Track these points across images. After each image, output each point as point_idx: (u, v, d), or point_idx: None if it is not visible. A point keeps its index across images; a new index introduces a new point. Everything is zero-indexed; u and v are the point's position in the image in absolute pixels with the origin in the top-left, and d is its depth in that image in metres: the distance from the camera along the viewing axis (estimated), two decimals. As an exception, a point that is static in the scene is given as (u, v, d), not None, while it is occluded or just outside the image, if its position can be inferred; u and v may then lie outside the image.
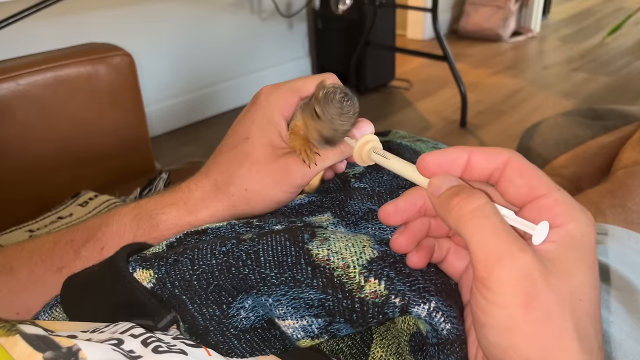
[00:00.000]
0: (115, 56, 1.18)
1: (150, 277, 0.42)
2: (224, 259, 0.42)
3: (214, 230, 0.48)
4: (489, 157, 0.37)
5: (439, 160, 0.38)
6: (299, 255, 0.41)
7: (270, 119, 0.50)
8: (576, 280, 0.32)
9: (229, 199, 0.50)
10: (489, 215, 0.33)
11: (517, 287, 0.31)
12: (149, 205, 0.51)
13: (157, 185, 1.07)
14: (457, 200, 0.34)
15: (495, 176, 0.37)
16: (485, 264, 0.32)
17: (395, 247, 0.40)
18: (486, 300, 0.32)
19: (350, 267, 0.40)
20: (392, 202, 0.40)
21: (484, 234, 0.32)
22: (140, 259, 0.44)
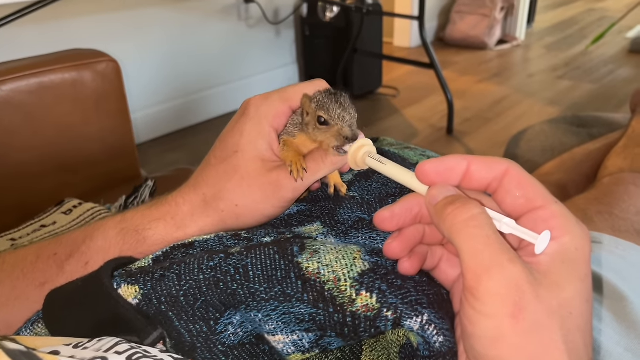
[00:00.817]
0: (101, 62, 1.17)
1: (136, 293, 0.41)
2: (212, 274, 0.41)
3: (202, 243, 0.47)
4: (488, 166, 0.37)
5: (438, 168, 0.37)
6: (288, 269, 0.40)
7: (260, 131, 0.49)
8: (567, 294, 0.32)
9: (219, 214, 0.49)
10: (482, 225, 0.33)
11: (506, 298, 0.30)
12: (135, 219, 0.50)
13: (143, 192, 1.05)
14: (452, 209, 0.34)
15: (493, 186, 0.37)
16: (474, 273, 0.31)
17: (388, 253, 0.40)
18: (474, 310, 0.31)
19: (342, 281, 0.39)
20: (388, 207, 0.39)
21: (476, 243, 0.32)
22: (125, 274, 0.43)
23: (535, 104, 3.09)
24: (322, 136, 0.47)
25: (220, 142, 0.50)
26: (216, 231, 0.49)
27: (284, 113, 0.49)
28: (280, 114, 0.49)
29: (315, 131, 0.47)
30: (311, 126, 0.48)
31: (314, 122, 0.47)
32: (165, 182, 1.13)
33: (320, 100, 0.47)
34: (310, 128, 0.48)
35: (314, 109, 0.47)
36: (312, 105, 0.48)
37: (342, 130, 0.46)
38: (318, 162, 0.48)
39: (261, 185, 0.48)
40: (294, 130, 0.49)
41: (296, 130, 0.49)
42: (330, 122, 0.46)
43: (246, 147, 0.48)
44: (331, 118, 0.46)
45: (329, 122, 0.46)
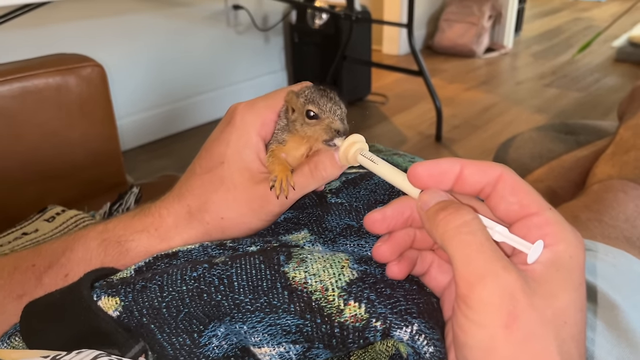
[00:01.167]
0: (86, 67, 1.16)
1: (117, 305, 0.40)
2: (195, 285, 0.40)
3: (185, 253, 0.46)
4: (481, 170, 0.36)
5: (431, 171, 0.37)
6: (274, 279, 0.39)
7: (247, 141, 0.47)
8: (561, 303, 0.31)
9: (204, 226, 0.48)
10: (475, 232, 0.32)
11: (499, 307, 0.30)
12: (118, 230, 0.48)
13: (128, 199, 1.04)
14: (444, 215, 0.34)
15: (487, 191, 0.36)
16: (467, 282, 0.31)
17: (377, 256, 0.39)
18: (467, 319, 0.31)
19: (329, 290, 0.38)
20: (380, 209, 0.39)
21: (469, 250, 0.31)
22: (106, 285, 0.42)
23: (523, 112, 3.11)
24: (311, 131, 0.46)
25: (206, 152, 0.49)
26: (200, 242, 0.48)
27: (271, 120, 0.48)
28: (267, 122, 0.48)
29: (304, 127, 0.46)
30: (299, 122, 0.46)
31: (302, 118, 0.46)
32: (151, 188, 1.12)
33: (308, 95, 0.46)
34: (298, 124, 0.46)
35: (302, 103, 0.46)
36: (299, 100, 0.47)
37: (332, 123, 0.45)
38: (307, 177, 0.47)
39: (248, 198, 0.47)
40: (282, 136, 0.48)
41: (285, 134, 0.48)
42: (321, 116, 0.45)
43: (232, 158, 0.47)
44: (321, 111, 0.45)
45: (319, 115, 0.45)
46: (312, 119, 0.46)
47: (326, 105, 0.46)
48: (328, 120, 0.45)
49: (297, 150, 0.48)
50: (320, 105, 0.45)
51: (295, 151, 0.48)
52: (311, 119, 0.46)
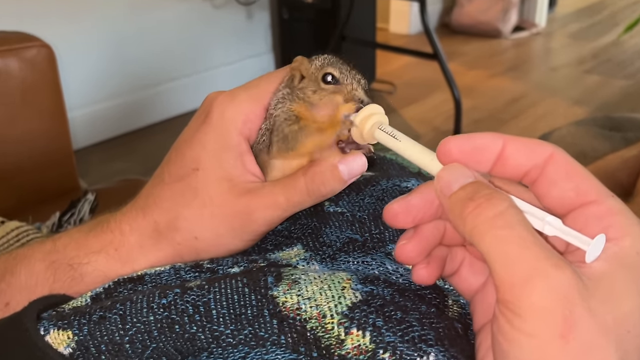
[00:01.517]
0: (31, 48, 1.15)
1: (69, 340, 0.39)
2: (165, 314, 0.39)
3: (153, 276, 0.45)
4: (528, 149, 0.35)
5: (465, 146, 0.36)
6: (261, 305, 0.39)
7: (227, 143, 0.46)
8: (625, 308, 0.31)
9: (174, 247, 0.47)
10: (513, 224, 0.32)
11: (552, 313, 0.29)
12: (69, 249, 0.48)
13: (82, 208, 1.04)
14: (473, 207, 0.33)
15: (533, 175, 0.35)
16: (510, 285, 0.30)
17: (401, 257, 0.38)
18: (512, 327, 0.30)
19: (327, 317, 0.38)
20: (402, 198, 0.38)
21: (508, 247, 0.31)
22: (55, 316, 0.41)
23: (560, 103, 3.13)
24: (327, 98, 0.45)
25: (177, 155, 0.48)
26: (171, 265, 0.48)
27: (256, 115, 0.47)
28: (251, 118, 0.47)
29: (317, 94, 0.46)
30: (310, 89, 0.46)
31: (316, 83, 0.46)
32: (109, 195, 1.11)
33: (325, 59, 0.46)
34: (309, 91, 0.46)
35: (318, 67, 0.46)
36: (313, 64, 0.46)
37: (355, 90, 0.45)
38: (301, 193, 0.46)
39: (227, 215, 0.46)
40: (284, 106, 0.47)
41: (287, 103, 0.47)
42: (342, 81, 0.45)
43: (208, 164, 0.46)
44: (343, 76, 0.45)
45: (340, 79, 0.45)
46: (329, 84, 0.46)
47: (349, 71, 0.46)
48: (351, 86, 0.45)
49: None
50: (342, 70, 0.46)
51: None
52: (328, 84, 0.46)
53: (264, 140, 0.48)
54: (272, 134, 0.47)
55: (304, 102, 0.46)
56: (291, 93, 0.47)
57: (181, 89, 3.01)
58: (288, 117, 0.46)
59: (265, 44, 3.39)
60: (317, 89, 0.46)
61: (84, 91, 2.66)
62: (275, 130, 0.47)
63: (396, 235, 0.50)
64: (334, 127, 0.45)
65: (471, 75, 3.60)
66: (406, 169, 0.65)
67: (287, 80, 0.48)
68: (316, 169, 0.46)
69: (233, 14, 3.15)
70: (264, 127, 0.48)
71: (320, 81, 0.46)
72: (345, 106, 0.45)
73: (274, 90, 0.48)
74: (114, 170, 2.53)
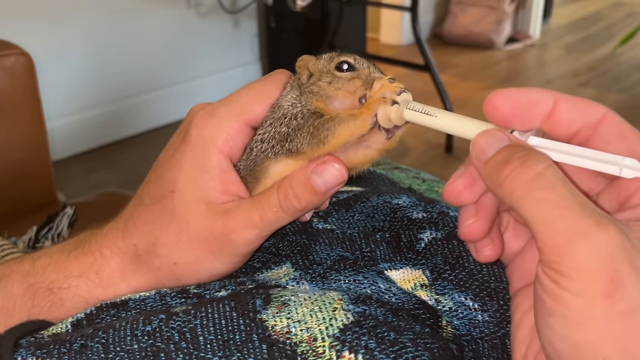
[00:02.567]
0: (9, 55, 1.15)
1: None
2: (150, 342, 0.39)
3: (138, 302, 0.45)
4: (579, 107, 0.36)
5: (515, 101, 0.36)
6: (250, 330, 0.39)
7: (205, 163, 0.45)
8: None
9: (153, 273, 0.47)
10: (552, 184, 0.32)
11: (597, 272, 0.30)
12: (49, 272, 0.47)
13: (60, 223, 1.04)
14: (509, 170, 0.33)
15: (585, 134, 0.36)
16: (554, 246, 0.31)
17: (468, 236, 0.38)
18: (558, 286, 0.31)
19: (318, 340, 0.38)
20: (460, 175, 0.38)
21: (549, 208, 0.31)
22: (33, 344, 0.41)
23: (553, 117, 3.15)
24: (345, 85, 0.45)
25: (156, 175, 0.48)
26: (153, 290, 0.48)
27: (237, 132, 0.46)
28: (233, 135, 0.46)
29: (334, 83, 0.46)
30: (324, 81, 0.46)
31: (329, 75, 0.46)
32: (89, 209, 1.11)
33: (332, 53, 0.47)
34: (324, 83, 0.46)
35: (327, 60, 0.47)
36: (321, 60, 0.47)
37: (374, 72, 0.46)
38: (276, 211, 0.45)
39: (204, 238, 0.45)
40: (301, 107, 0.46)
41: (303, 100, 0.46)
42: (357, 67, 0.46)
43: (185, 186, 0.46)
44: (358, 62, 0.46)
45: (355, 66, 0.46)
46: (345, 72, 0.46)
47: (361, 58, 0.46)
48: (367, 70, 0.46)
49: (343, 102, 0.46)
50: (355, 57, 0.46)
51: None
52: (345, 72, 0.46)
53: (265, 147, 0.47)
54: (296, 133, 0.45)
55: (320, 97, 0.46)
56: (302, 93, 0.47)
57: (165, 99, 3.00)
58: (312, 112, 0.46)
59: (252, 53, 3.39)
60: (333, 79, 0.46)
61: (64, 100, 2.65)
62: (298, 129, 0.45)
63: (387, 254, 0.50)
64: (369, 107, 0.44)
65: (463, 87, 3.62)
66: (397, 185, 0.65)
67: (292, 82, 0.48)
68: (288, 183, 0.45)
69: (219, 23, 3.15)
70: (270, 132, 0.46)
71: (335, 71, 0.46)
72: (361, 88, 0.45)
73: (253, 109, 0.47)
74: (94, 182, 2.51)
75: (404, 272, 0.48)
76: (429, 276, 0.48)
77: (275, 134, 0.46)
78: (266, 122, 0.47)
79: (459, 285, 0.47)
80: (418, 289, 0.47)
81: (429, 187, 0.67)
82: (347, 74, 0.46)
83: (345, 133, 0.44)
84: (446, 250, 0.49)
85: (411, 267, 0.49)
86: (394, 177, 0.67)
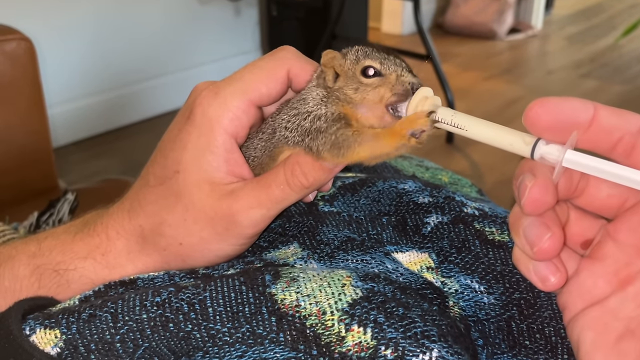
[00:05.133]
0: (10, 40, 1.15)
1: (57, 340, 0.39)
2: (159, 312, 0.39)
3: (146, 281, 0.45)
4: (620, 116, 0.35)
5: (556, 110, 0.35)
6: (259, 303, 0.39)
7: (209, 143, 0.45)
8: None
9: (160, 253, 0.47)
10: None
11: None
12: (55, 254, 0.47)
13: (61, 209, 1.04)
14: None
15: (628, 142, 0.35)
16: None
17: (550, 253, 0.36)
18: None
19: (327, 314, 0.38)
20: (538, 184, 0.35)
21: None
22: (42, 315, 0.41)
23: (555, 108, 3.15)
24: (373, 94, 0.44)
25: (161, 156, 0.47)
26: (160, 271, 0.48)
27: (243, 111, 0.46)
28: (238, 115, 0.46)
29: (359, 92, 0.44)
30: (350, 87, 0.44)
31: (355, 80, 0.44)
32: (90, 195, 1.11)
33: (358, 51, 0.45)
34: (350, 90, 0.44)
35: (353, 61, 0.45)
36: (347, 59, 0.45)
37: (403, 76, 0.44)
38: (283, 188, 0.45)
39: (210, 219, 0.45)
40: (324, 109, 0.44)
41: (328, 106, 0.45)
42: (384, 72, 0.44)
43: (190, 167, 0.45)
44: (384, 66, 0.44)
45: (382, 72, 0.44)
46: (372, 78, 0.44)
47: (387, 58, 0.44)
48: (395, 75, 0.44)
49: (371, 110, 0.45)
50: (380, 59, 0.44)
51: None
52: (371, 78, 0.44)
53: (287, 135, 0.46)
54: (318, 135, 0.44)
55: (347, 104, 0.45)
56: (328, 95, 0.45)
57: (165, 86, 3.00)
58: (337, 117, 0.44)
59: (253, 41, 3.38)
60: (359, 86, 0.44)
61: (65, 87, 2.65)
62: (321, 131, 0.44)
63: (393, 237, 0.50)
64: (394, 138, 0.43)
65: (465, 77, 3.62)
66: (401, 172, 0.66)
67: (318, 77, 0.46)
68: (294, 160, 0.45)
69: (220, 10, 3.14)
70: (295, 122, 0.46)
71: (360, 76, 0.44)
72: (389, 94, 0.44)
73: (258, 88, 0.46)
74: (95, 169, 2.52)
75: (410, 255, 0.48)
76: (435, 259, 0.48)
77: (299, 126, 0.45)
78: (291, 111, 0.46)
79: (465, 268, 0.47)
80: (424, 271, 0.47)
81: (432, 174, 0.67)
82: (373, 81, 0.44)
83: (365, 153, 0.44)
84: (452, 234, 0.49)
85: (417, 250, 0.49)
86: (398, 165, 0.67)
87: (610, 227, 0.38)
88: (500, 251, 0.48)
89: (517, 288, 0.46)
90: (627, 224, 0.37)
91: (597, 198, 0.38)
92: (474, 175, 2.56)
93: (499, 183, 2.46)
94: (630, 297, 0.37)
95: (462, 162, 2.66)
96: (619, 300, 0.37)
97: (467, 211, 0.51)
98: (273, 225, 0.52)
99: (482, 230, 0.49)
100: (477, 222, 0.50)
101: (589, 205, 0.38)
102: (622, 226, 0.37)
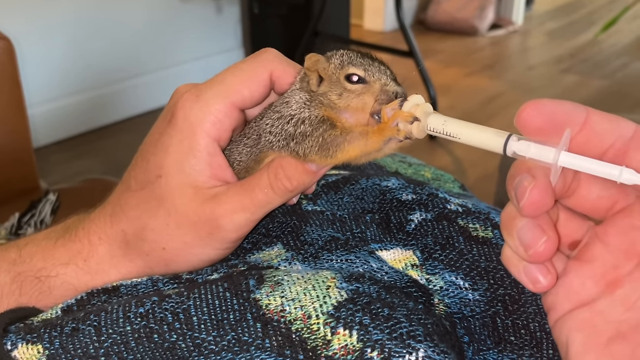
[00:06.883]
0: (-12, 40, 1.14)
1: (39, 355, 0.39)
2: (143, 324, 0.39)
3: (129, 288, 0.45)
4: (611, 120, 0.35)
5: (549, 112, 0.34)
6: (244, 309, 0.39)
7: (192, 147, 0.44)
8: None
9: (143, 259, 0.47)
10: None
11: None
12: (36, 260, 0.47)
13: (43, 209, 1.03)
14: None
15: (619, 147, 0.35)
16: None
17: (545, 256, 0.36)
18: None
19: (313, 317, 0.38)
20: (538, 186, 0.35)
21: None
22: (24, 329, 0.40)
23: (536, 103, 3.17)
24: (356, 101, 0.44)
25: (142, 160, 0.47)
26: (143, 277, 0.47)
27: (226, 114, 0.45)
28: (220, 118, 0.45)
29: (343, 98, 0.44)
30: (334, 93, 0.44)
31: (339, 86, 0.44)
32: (72, 195, 1.10)
33: (343, 56, 0.45)
34: (333, 95, 0.44)
35: (337, 66, 0.45)
36: (331, 63, 0.45)
37: (387, 85, 0.43)
38: (267, 192, 0.45)
39: (193, 224, 0.45)
40: (307, 112, 0.44)
41: (312, 110, 0.45)
42: (368, 79, 0.44)
43: (172, 171, 0.45)
44: (368, 73, 0.44)
45: (366, 79, 0.44)
46: (355, 84, 0.44)
47: (372, 65, 0.44)
48: (381, 82, 0.44)
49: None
50: (365, 65, 0.44)
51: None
52: (355, 84, 0.44)
53: (271, 140, 0.46)
54: (304, 138, 0.44)
55: (330, 108, 0.44)
56: (312, 99, 0.45)
57: (147, 85, 2.98)
58: (321, 120, 0.44)
59: (235, 39, 3.37)
60: (342, 92, 0.44)
61: (45, 86, 2.62)
62: (306, 135, 0.44)
63: (377, 235, 0.50)
64: (382, 134, 0.43)
65: (447, 73, 3.63)
66: (383, 168, 0.66)
67: (301, 80, 0.46)
68: (278, 163, 0.45)
69: (202, 8, 3.13)
70: (278, 127, 0.46)
71: (345, 82, 0.44)
72: (373, 102, 0.43)
73: (240, 90, 0.46)
74: (77, 169, 2.50)
75: (395, 252, 0.48)
76: (419, 256, 0.48)
77: (282, 130, 0.45)
78: (274, 115, 0.46)
79: (450, 265, 0.47)
80: (409, 268, 0.47)
81: (415, 170, 0.67)
82: (357, 87, 0.44)
83: (354, 151, 0.44)
84: (436, 230, 0.49)
85: (402, 248, 0.49)
86: (381, 161, 0.67)
87: (599, 229, 0.38)
88: (485, 247, 0.48)
89: (501, 284, 0.46)
90: (617, 227, 0.37)
91: (587, 199, 0.37)
92: (457, 170, 2.57)
93: (481, 178, 2.47)
94: (619, 301, 0.37)
95: (445, 157, 2.67)
96: (608, 303, 0.37)
97: (451, 208, 0.51)
98: (257, 226, 0.51)
99: (465, 227, 0.49)
100: (461, 218, 0.50)
101: (579, 206, 0.38)
102: (611, 229, 0.37)
